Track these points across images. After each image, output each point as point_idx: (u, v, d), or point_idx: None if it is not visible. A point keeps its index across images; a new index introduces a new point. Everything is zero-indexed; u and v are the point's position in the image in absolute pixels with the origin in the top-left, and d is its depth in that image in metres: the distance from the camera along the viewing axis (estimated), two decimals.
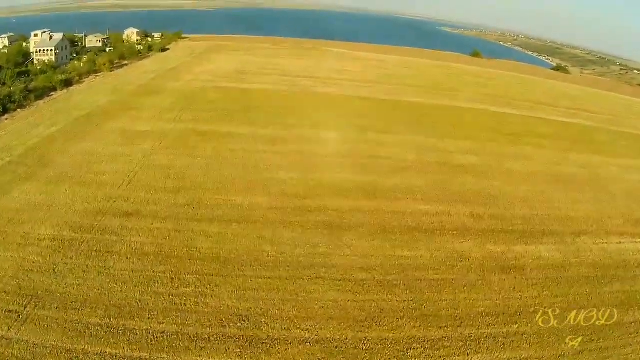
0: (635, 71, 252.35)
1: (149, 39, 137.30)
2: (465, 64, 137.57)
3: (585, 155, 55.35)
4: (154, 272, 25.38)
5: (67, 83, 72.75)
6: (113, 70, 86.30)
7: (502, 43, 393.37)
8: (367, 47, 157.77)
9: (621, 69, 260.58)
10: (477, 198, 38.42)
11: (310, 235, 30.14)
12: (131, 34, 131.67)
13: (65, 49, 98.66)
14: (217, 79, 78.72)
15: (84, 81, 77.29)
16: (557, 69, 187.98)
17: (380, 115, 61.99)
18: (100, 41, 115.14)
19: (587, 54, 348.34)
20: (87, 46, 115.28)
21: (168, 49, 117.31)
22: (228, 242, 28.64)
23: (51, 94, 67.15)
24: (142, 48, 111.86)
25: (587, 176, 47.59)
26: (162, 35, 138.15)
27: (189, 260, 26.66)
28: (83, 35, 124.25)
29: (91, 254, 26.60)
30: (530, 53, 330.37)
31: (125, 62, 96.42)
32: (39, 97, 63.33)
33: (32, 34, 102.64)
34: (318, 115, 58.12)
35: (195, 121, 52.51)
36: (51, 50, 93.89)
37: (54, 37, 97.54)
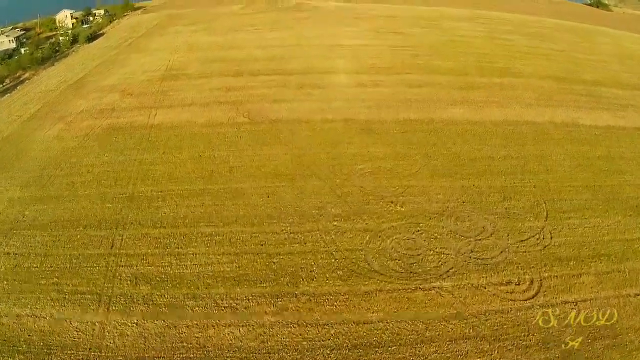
0: None
1: (92, 18, 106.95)
2: (499, 10, 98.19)
3: None
4: None
5: None
6: None
7: None
8: None
9: None
10: None
11: None
12: (64, 17, 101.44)
13: None
14: (124, 101, 49.59)
15: None
16: (597, 4, 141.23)
17: (409, 202, 31.79)
18: (12, 40, 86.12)
19: None
20: None
21: (101, 35, 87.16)
22: None
23: None
24: (64, 40, 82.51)
25: None
26: (106, 11, 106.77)
27: None
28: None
29: None
30: None
31: (27, 74, 68.41)
32: None
33: None
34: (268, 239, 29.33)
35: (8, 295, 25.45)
36: None
37: None
